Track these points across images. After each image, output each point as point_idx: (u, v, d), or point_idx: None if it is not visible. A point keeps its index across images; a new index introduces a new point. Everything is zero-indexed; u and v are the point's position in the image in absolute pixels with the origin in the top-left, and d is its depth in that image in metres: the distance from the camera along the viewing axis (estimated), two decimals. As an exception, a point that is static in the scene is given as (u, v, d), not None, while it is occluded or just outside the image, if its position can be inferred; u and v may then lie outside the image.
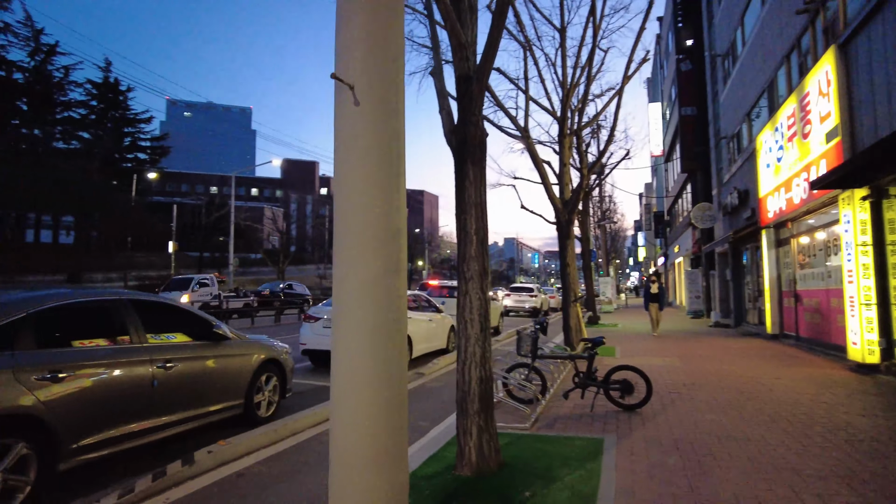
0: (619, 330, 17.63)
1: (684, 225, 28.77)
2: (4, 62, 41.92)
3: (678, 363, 9.96)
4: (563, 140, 12.39)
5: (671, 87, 30.28)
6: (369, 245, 2.62)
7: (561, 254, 12.37)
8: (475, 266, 4.21)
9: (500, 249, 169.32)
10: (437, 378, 9.43)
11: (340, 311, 2.65)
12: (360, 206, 2.64)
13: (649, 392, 6.05)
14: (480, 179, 4.27)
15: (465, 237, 4.25)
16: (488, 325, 4.25)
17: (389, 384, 2.62)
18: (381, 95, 2.72)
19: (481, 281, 4.21)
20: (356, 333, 2.60)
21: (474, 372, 4.12)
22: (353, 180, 2.67)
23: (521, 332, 6.37)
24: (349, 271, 2.64)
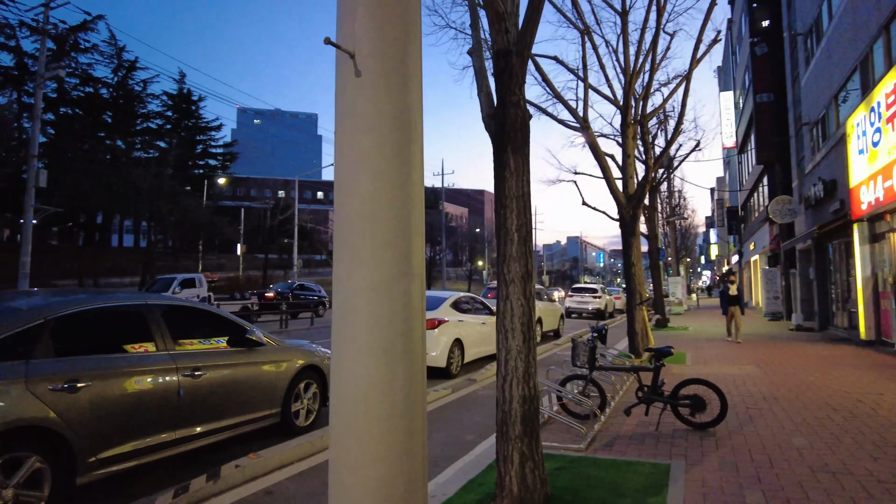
0: (690, 334, 16.48)
1: (760, 220, 26.85)
2: (91, 79, 44.74)
3: (756, 372, 8.99)
4: (627, 130, 11.57)
5: (744, 73, 28.37)
6: (374, 242, 2.16)
7: (625, 252, 11.56)
8: (516, 268, 3.68)
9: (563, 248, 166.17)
10: (490, 385, 8.91)
11: (338, 324, 2.21)
12: (363, 195, 2.18)
13: (724, 409, 5.30)
14: (522, 169, 3.74)
15: (504, 235, 3.73)
16: (533, 336, 3.72)
17: (399, 416, 2.15)
18: (390, 65, 2.26)
19: (524, 285, 3.68)
20: (354, 352, 2.14)
21: (516, 390, 3.59)
22: (355, 164, 2.22)
23: (577, 341, 5.76)
24: (349, 273, 2.19)
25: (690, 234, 55.92)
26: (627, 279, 11.36)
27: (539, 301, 15.87)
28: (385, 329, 2.13)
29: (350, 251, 2.19)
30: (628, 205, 11.24)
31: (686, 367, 9.63)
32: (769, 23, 21.55)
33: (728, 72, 40.43)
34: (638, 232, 11.43)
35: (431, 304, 9.86)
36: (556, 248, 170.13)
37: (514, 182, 3.71)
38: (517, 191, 3.71)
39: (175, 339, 4.78)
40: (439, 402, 7.55)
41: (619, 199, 11.31)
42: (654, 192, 20.54)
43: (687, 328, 18.57)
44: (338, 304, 2.23)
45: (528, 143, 3.79)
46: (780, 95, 21.38)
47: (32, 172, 23.79)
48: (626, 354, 9.58)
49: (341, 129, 2.28)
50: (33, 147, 24.19)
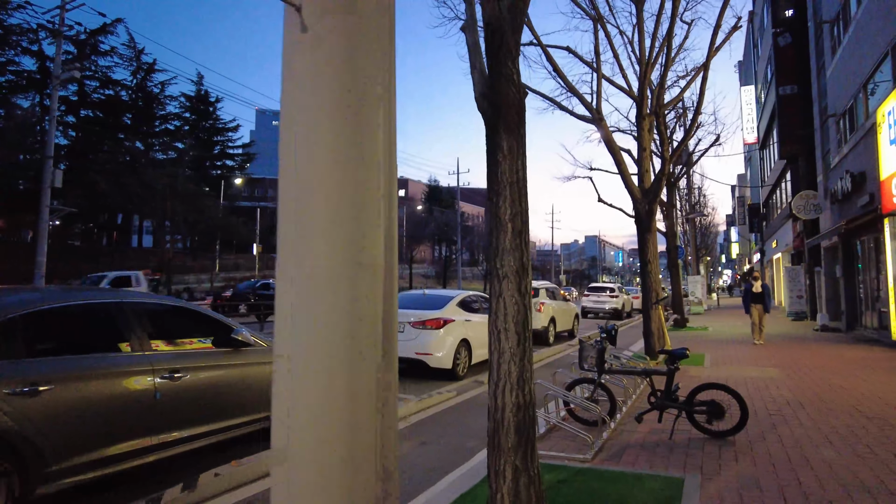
0: (710, 334, 15.92)
1: (783, 217, 26.04)
2: (111, 82, 45.26)
3: (779, 375, 8.49)
4: (642, 122, 11.10)
5: (766, 66, 27.56)
6: (310, 225, 1.79)
7: (640, 250, 11.11)
8: (510, 262, 3.32)
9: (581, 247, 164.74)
10: (498, 387, 8.54)
11: (276, 325, 1.87)
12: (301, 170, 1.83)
13: (744, 417, 4.88)
14: (517, 152, 3.37)
15: (497, 225, 3.37)
16: (528, 337, 3.35)
17: (334, 441, 1.76)
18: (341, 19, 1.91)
19: (518, 280, 3.31)
20: (282, 357, 1.78)
21: (509, 397, 3.23)
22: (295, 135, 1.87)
23: (584, 342, 5.37)
24: (281, 262, 1.83)
25: (711, 232, 54.81)
26: (643, 277, 10.91)
27: (553, 301, 15.44)
28: (323, 329, 1.76)
29: (283, 236, 1.84)
30: (644, 200, 10.78)
31: (704, 370, 9.16)
32: (793, 12, 20.83)
33: (749, 66, 39.49)
34: (654, 228, 10.96)
35: (437, 303, 9.53)
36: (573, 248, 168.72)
37: (507, 166, 3.35)
38: (511, 176, 3.35)
39: (152, 338, 4.50)
40: (443, 405, 7.21)
41: (634, 194, 10.86)
42: (672, 188, 19.95)
43: (706, 328, 17.98)
44: (277, 300, 1.88)
45: (523, 124, 3.43)
46: (803, 87, 20.64)
47: (48, 173, 23.94)
48: (641, 356, 9.14)
49: (284, 94, 1.94)
50: (49, 148, 24.34)
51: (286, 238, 1.84)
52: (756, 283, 13.39)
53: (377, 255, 1.94)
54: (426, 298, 9.94)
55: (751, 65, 38.28)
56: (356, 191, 1.88)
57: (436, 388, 8.30)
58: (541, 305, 14.48)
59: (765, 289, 13.31)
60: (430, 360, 8.81)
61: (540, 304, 14.48)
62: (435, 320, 8.99)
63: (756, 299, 13.18)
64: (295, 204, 1.86)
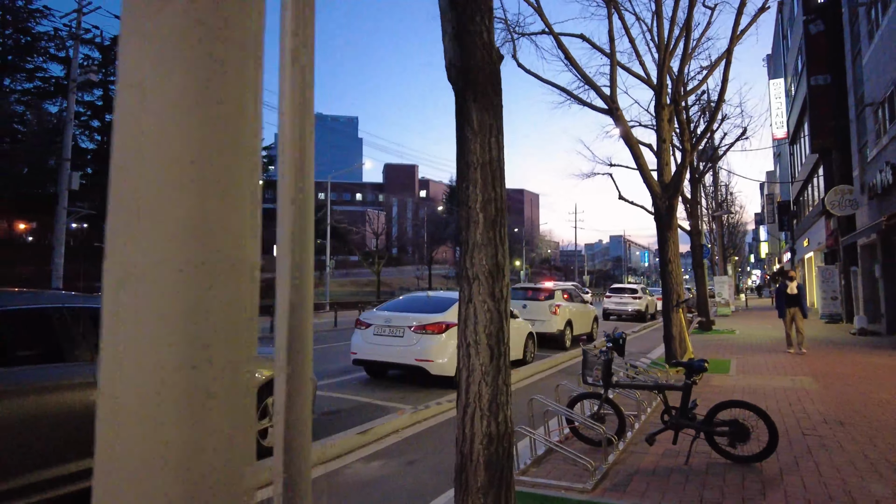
0: (737, 338, 15.04)
1: (815, 214, 24.84)
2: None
3: (814, 386, 7.71)
4: (661, 112, 10.37)
5: (797, 57, 26.36)
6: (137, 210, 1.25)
7: (660, 248, 10.38)
8: (481, 259, 2.74)
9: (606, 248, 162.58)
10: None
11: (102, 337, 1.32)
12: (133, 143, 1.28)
13: (773, 440, 4.20)
14: (490, 127, 2.79)
15: (467, 215, 2.80)
16: (505, 352, 2.77)
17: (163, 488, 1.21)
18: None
19: (491, 282, 2.73)
20: (105, 376, 1.23)
21: (479, 425, 2.65)
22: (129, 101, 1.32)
23: (588, 352, 4.74)
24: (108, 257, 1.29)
25: (739, 231, 53.19)
26: (663, 278, 10.18)
27: (569, 303, 14.76)
28: (150, 340, 1.21)
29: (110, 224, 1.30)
30: (664, 195, 10.06)
31: (729, 378, 8.42)
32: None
33: (778, 58, 38.10)
34: (675, 225, 10.23)
35: (440, 307, 8.96)
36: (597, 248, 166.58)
37: (477, 144, 2.77)
38: (483, 156, 2.77)
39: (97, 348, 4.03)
40: (441, 416, 6.64)
41: (653, 189, 10.15)
42: (696, 184, 19.06)
43: (733, 331, 17.06)
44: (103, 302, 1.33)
45: (497, 93, 2.84)
46: (837, 76, 19.54)
47: (65, 175, 24.03)
48: (660, 363, 8.44)
49: (122, 52, 1.39)
50: (66, 151, 24.44)
51: (110, 230, 1.29)
52: (791, 284, 11.79)
53: (234, 252, 1.37)
54: (429, 301, 9.38)
55: (780, 57, 36.91)
56: (200, 174, 1.30)
57: (437, 397, 7.74)
58: (556, 308, 13.82)
59: (801, 290, 11.81)
60: (431, 367, 8.25)
61: (555, 307, 13.82)
62: (437, 324, 8.42)
63: (791, 302, 11.67)
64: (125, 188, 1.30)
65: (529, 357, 11.08)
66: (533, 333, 11.40)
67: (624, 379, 5.52)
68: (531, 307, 14.00)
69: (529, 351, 11.12)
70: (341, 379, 9.32)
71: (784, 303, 11.75)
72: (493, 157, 2.79)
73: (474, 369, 2.69)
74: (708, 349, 12.23)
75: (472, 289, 2.74)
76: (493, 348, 2.70)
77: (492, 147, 2.78)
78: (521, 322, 11.03)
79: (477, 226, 2.75)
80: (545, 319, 13.67)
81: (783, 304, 11.79)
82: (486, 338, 2.70)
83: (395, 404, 7.44)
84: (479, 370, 2.68)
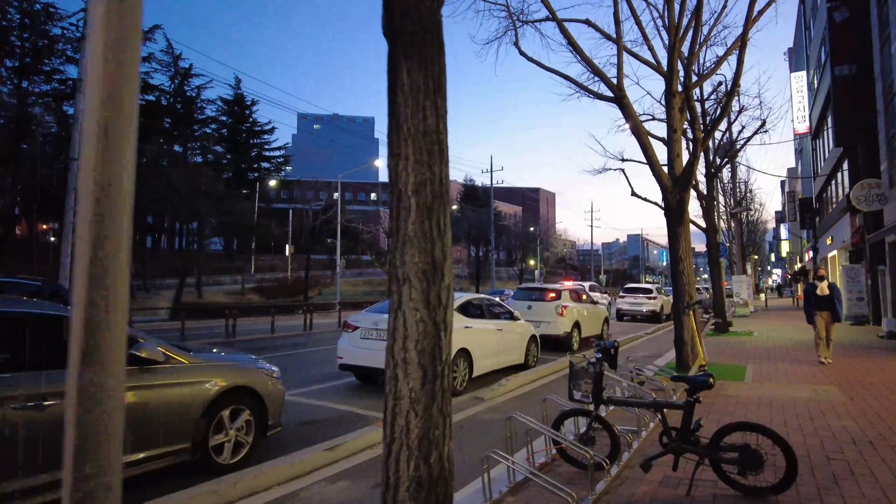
0: (755, 341, 14.23)
1: (839, 211, 23.79)
2: (149, 87, 46.12)
3: (839, 397, 6.99)
4: (672, 100, 9.69)
5: (820, 48, 25.33)
6: None
7: (671, 245, 9.70)
8: (413, 256, 2.17)
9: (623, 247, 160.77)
10: (499, 406, 7.38)
11: None
12: None
13: (791, 469, 3.56)
14: (425, 89, 2.22)
15: (396, 200, 2.23)
16: (443, 373, 2.19)
17: None
18: None
19: (426, 286, 2.16)
20: None
21: (405, 468, 2.08)
22: None
23: (575, 364, 4.12)
24: None
25: (759, 229, 51.82)
26: (674, 277, 9.50)
27: (578, 303, 14.09)
28: None
29: None
30: (674, 189, 9.39)
31: (744, 387, 7.73)
32: (850, -17, 18.83)
33: (800, 51, 36.90)
34: (686, 221, 9.54)
35: (432, 308, 8.39)
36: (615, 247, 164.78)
37: (409, 110, 2.19)
38: (416, 125, 2.20)
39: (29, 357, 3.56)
40: (424, 429, 6.06)
41: (663, 183, 9.49)
42: (712, 179, 18.25)
43: (751, 333, 16.23)
44: None
45: (436, 45, 2.26)
46: (863, 66, 18.59)
47: (71, 175, 23.94)
48: (667, 371, 7.77)
49: None
50: (73, 150, 24.34)
51: None
52: (821, 284, 10.10)
53: None
54: (422, 302, 8.81)
55: (801, 49, 35.73)
56: None
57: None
58: (563, 308, 13.17)
59: (833, 290, 10.05)
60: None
61: (562, 308, 13.18)
62: (426, 328, 7.86)
63: (822, 304, 9.97)
64: None
65: (532, 361, 10.47)
66: (536, 336, 10.78)
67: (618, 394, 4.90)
68: (536, 308, 13.37)
69: (532, 355, 10.51)
70: (328, 385, 8.80)
71: (813, 306, 10.08)
72: (430, 126, 2.21)
73: (401, 396, 2.12)
74: (723, 353, 11.49)
75: (401, 292, 2.17)
76: (426, 369, 2.12)
77: (427, 113, 2.20)
78: (522, 324, 10.43)
79: (408, 213, 2.18)
80: (551, 321, 13.04)
81: (812, 308, 10.10)
82: (418, 356, 2.12)
83: (379, 414, 6.89)
84: (408, 397, 2.11)
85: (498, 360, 9.29)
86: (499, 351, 9.29)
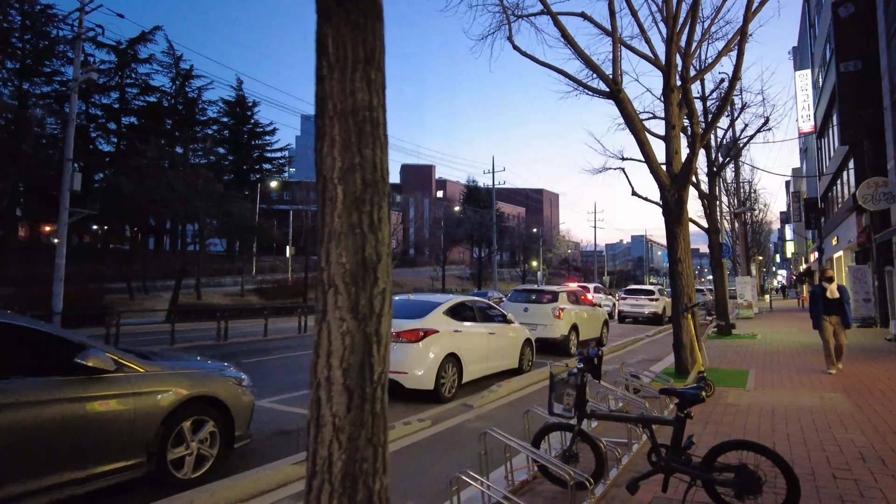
0: (758, 344, 13.84)
1: (845, 210, 23.35)
2: (151, 88, 46.01)
3: (846, 405, 6.61)
4: (670, 95, 9.34)
5: (825, 45, 24.92)
6: None
7: (669, 246, 9.37)
8: (340, 255, 1.83)
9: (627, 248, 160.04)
10: (489, 413, 7.04)
11: None
12: None
13: (792, 492, 3.20)
14: (355, 59, 1.88)
15: (322, 189, 1.89)
16: (374, 396, 1.85)
17: None
18: None
19: (354, 291, 1.82)
20: None
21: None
22: None
23: (555, 376, 3.76)
24: None
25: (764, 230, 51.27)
26: (672, 278, 9.16)
27: (575, 305, 13.73)
28: None
29: None
30: (672, 186, 9.05)
31: (745, 394, 7.36)
32: (855, -23, 18.44)
33: (805, 49, 36.48)
34: (685, 221, 9.19)
35: (419, 311, 8.05)
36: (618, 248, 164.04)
37: (335, 83, 1.86)
38: (342, 101, 1.86)
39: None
40: (407, 440, 5.75)
41: (661, 180, 9.15)
42: (714, 178, 17.87)
43: (755, 336, 15.83)
44: None
45: (375, 13, 1.92)
46: (869, 62, 18.19)
47: (67, 175, 23.72)
48: (663, 377, 7.41)
49: None
50: (68, 151, 24.11)
51: None
52: (830, 286, 9.12)
53: None
54: (409, 305, 8.48)
55: (806, 48, 35.30)
56: None
57: (411, 413, 6.86)
58: (560, 311, 12.81)
59: (843, 293, 9.07)
60: (406, 380, 7.34)
61: (559, 310, 12.82)
62: (412, 332, 7.52)
63: (831, 308, 9.00)
64: None
65: (527, 366, 10.13)
66: (531, 340, 10.43)
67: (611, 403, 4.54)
68: (532, 310, 13.01)
69: (527, 359, 10.16)
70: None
71: (822, 310, 9.08)
72: (360, 102, 1.87)
73: (324, 423, 1.79)
74: (725, 357, 11.11)
75: (326, 299, 1.84)
76: (352, 391, 1.79)
77: (356, 87, 1.87)
78: (516, 327, 10.07)
79: (334, 205, 1.84)
80: (547, 324, 12.68)
81: (820, 312, 9.08)
82: (343, 375, 1.79)
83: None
84: (331, 424, 1.77)
85: (490, 365, 8.94)
86: (490, 355, 8.94)
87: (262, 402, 7.49)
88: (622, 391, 6.24)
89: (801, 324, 20.21)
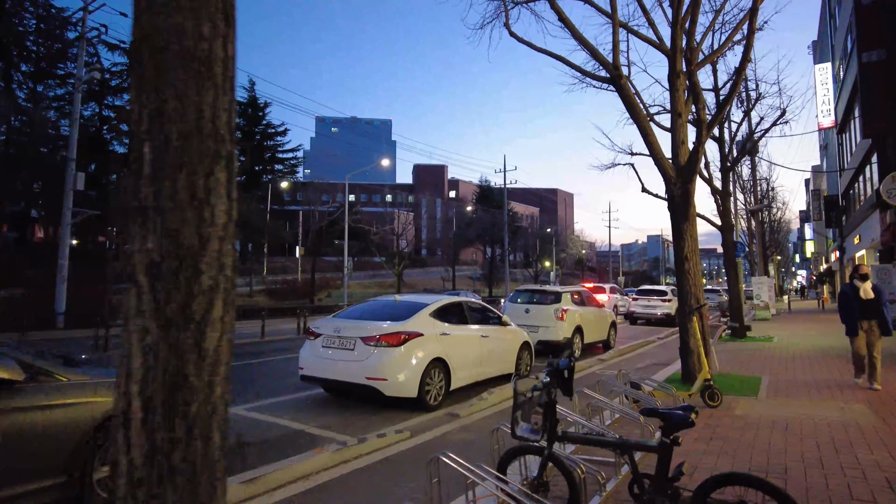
0: (774, 347, 13.10)
1: (868, 207, 22.39)
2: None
3: (869, 419, 5.94)
4: (675, 81, 8.71)
5: (846, 36, 23.98)
6: None
7: (675, 243, 8.76)
8: (145, 238, 1.30)
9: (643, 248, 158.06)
10: (475, 423, 6.48)
11: None
12: None
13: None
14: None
15: (131, 150, 1.36)
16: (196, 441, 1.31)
17: None
18: None
19: (165, 287, 1.29)
20: None
21: None
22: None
23: (519, 392, 3.17)
24: None
25: (782, 229, 49.92)
26: (679, 278, 8.53)
27: (580, 307, 13.10)
28: None
29: None
30: (678, 179, 8.43)
31: (757, 404, 6.71)
32: (878, -38, 17.60)
33: (825, 42, 35.34)
34: (692, 216, 8.56)
35: (402, 313, 7.51)
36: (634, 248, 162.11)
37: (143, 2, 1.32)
38: (152, 23, 1.33)
39: None
40: (377, 455, 5.21)
41: (666, 173, 8.53)
42: (728, 173, 17.10)
43: (771, 339, 15.06)
44: None
45: None
46: (893, 52, 17.34)
47: (70, 175, 23.59)
48: (667, 385, 6.78)
49: None
50: (71, 151, 24.01)
51: None
52: (864, 285, 7.75)
53: None
54: (394, 306, 7.96)
55: (826, 41, 34.19)
56: None
57: (388, 424, 6.33)
58: (563, 312, 12.21)
59: (880, 293, 7.81)
60: (385, 387, 6.80)
61: (562, 311, 12.21)
62: (393, 335, 6.98)
63: (866, 311, 7.70)
64: None
65: (525, 370, 9.54)
66: (529, 343, 9.84)
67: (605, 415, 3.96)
68: (534, 312, 12.43)
69: (525, 364, 9.58)
70: (290, 398, 8.00)
71: (855, 313, 7.77)
72: (180, 26, 1.34)
73: (120, 473, 1.25)
74: (737, 361, 10.43)
75: (129, 301, 1.31)
76: (155, 433, 1.25)
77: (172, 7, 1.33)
78: (513, 329, 9.50)
79: (140, 168, 1.31)
80: (550, 326, 12.08)
81: (854, 315, 7.78)
82: (143, 408, 1.25)
83: (333, 434, 6.05)
84: (127, 476, 1.24)
85: (482, 370, 8.37)
86: (483, 360, 8.37)
87: (237, 409, 7.01)
88: (618, 403, 5.67)
89: (821, 326, 19.35)
